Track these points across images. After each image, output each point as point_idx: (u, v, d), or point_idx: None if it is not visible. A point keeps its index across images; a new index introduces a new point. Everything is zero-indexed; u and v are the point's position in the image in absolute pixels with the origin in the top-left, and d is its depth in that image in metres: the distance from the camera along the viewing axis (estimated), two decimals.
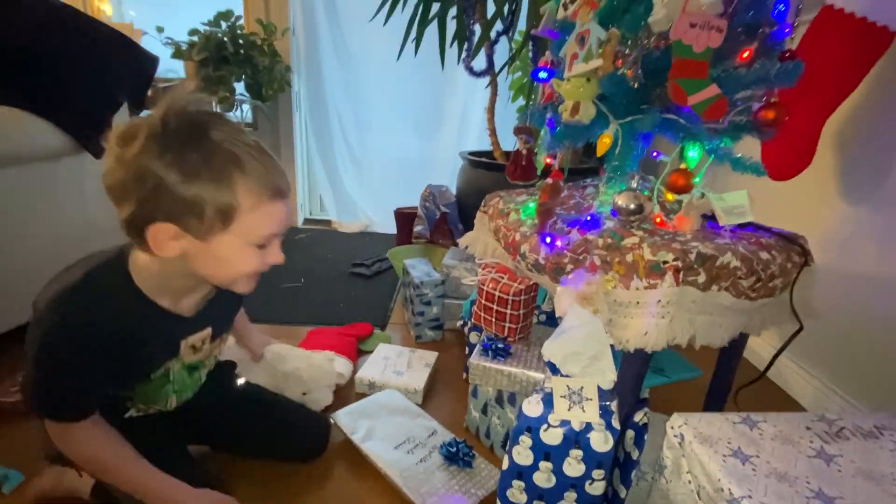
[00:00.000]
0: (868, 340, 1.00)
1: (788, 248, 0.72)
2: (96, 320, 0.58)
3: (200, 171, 0.52)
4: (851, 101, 0.95)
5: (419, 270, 1.38)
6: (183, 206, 0.53)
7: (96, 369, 0.60)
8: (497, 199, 0.95)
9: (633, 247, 0.64)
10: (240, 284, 0.63)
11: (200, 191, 0.52)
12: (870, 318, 1.00)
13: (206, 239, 0.55)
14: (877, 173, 1.01)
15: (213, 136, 0.53)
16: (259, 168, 0.55)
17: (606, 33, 0.65)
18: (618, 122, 0.70)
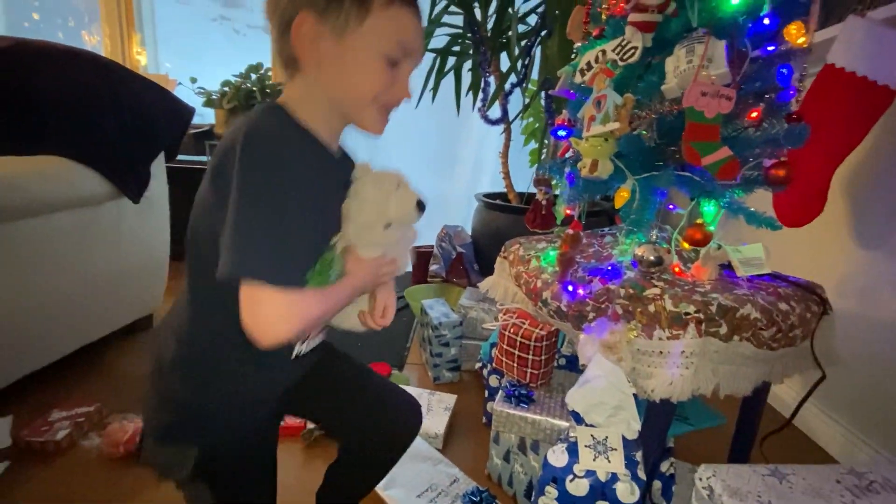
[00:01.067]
0: (893, 389, 0.99)
1: (807, 297, 0.74)
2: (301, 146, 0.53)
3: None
4: (862, 148, 0.98)
5: (437, 311, 1.41)
6: None
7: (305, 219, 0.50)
8: (517, 246, 0.98)
9: (654, 298, 0.66)
10: (368, 115, 0.57)
11: None
12: (893, 365, 1.00)
13: (342, 36, 0.51)
14: (891, 219, 1.03)
15: None
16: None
17: (622, 98, 0.70)
18: (634, 177, 0.74)
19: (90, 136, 1.26)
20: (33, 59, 1.29)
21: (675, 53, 0.65)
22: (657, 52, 0.70)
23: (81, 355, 1.30)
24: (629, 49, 0.69)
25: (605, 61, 0.73)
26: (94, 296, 1.27)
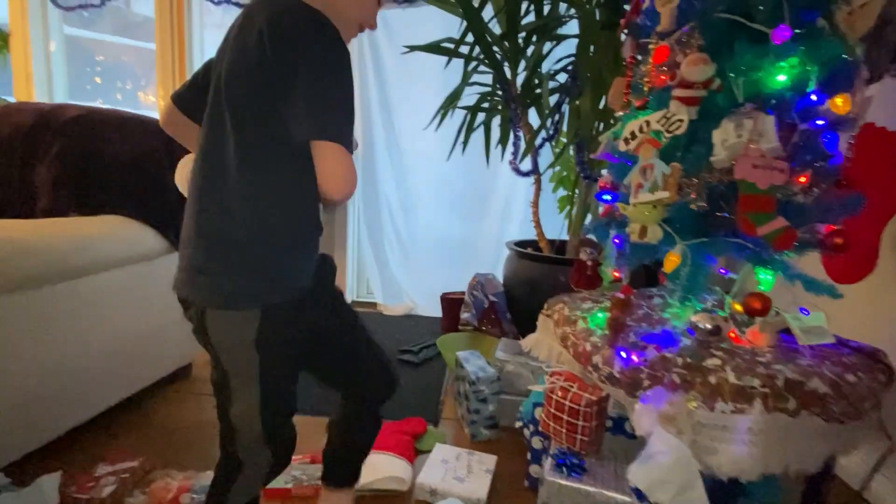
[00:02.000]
0: None
1: (872, 366, 0.71)
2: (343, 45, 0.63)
3: None
4: None
5: (473, 365, 1.40)
6: None
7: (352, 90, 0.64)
8: (562, 305, 0.98)
9: (715, 368, 0.65)
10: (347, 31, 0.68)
11: None
12: None
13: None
14: None
15: None
16: None
17: (669, 168, 0.71)
18: (684, 242, 0.74)
19: (150, 196, 1.35)
20: (102, 125, 1.41)
21: (723, 126, 0.67)
22: (702, 124, 0.72)
23: (124, 406, 1.33)
24: (675, 121, 0.71)
25: (649, 132, 0.75)
26: (141, 347, 1.32)
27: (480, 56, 1.86)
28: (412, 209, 2.75)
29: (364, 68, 2.56)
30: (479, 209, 2.72)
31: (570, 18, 1.82)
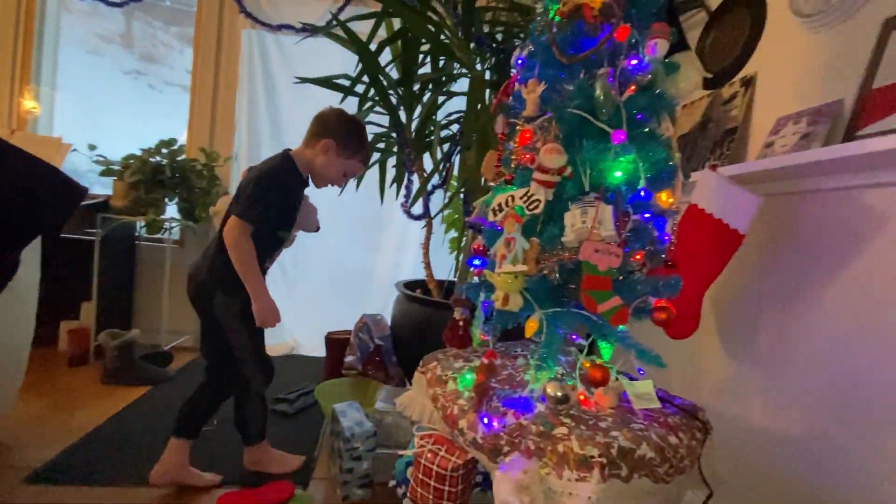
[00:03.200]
0: (774, 493, 1.10)
1: (691, 424, 0.82)
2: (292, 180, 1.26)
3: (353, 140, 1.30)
4: (725, 274, 1.16)
5: (350, 419, 1.33)
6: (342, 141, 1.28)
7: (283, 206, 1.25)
8: (435, 364, 0.98)
9: (563, 437, 0.69)
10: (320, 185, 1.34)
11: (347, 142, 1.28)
12: (767, 469, 1.11)
13: (336, 157, 1.28)
14: (749, 333, 1.21)
15: None
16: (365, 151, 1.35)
17: (529, 243, 0.77)
18: (542, 311, 0.79)
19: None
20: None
21: (572, 211, 0.74)
22: (557, 205, 0.79)
23: None
24: (534, 201, 0.77)
25: (514, 206, 0.80)
26: None
27: (375, 98, 1.87)
28: (300, 243, 2.61)
29: (255, 92, 2.43)
30: (374, 240, 2.68)
31: (462, 76, 1.94)
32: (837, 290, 0.99)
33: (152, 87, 2.72)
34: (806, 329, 1.06)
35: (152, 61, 2.70)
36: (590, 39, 0.79)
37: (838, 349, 0.97)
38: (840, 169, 0.94)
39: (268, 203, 1.18)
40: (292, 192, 1.27)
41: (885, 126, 0.85)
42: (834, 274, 1.00)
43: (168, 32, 2.66)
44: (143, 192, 2.03)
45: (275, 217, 1.22)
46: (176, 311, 2.37)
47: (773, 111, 1.22)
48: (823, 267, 1.03)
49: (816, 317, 1.03)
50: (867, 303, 0.92)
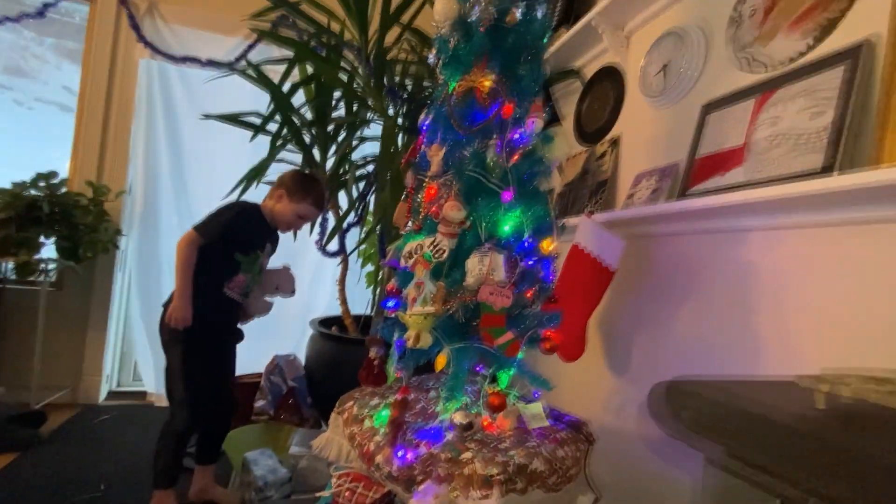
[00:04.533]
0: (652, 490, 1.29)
1: (577, 437, 0.96)
2: (250, 213, 1.47)
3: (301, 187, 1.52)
4: (604, 304, 1.36)
5: (262, 467, 1.29)
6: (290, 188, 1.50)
7: (232, 226, 1.39)
8: (351, 403, 1.02)
9: (468, 461, 0.78)
10: (281, 226, 1.54)
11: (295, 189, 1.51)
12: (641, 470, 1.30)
13: (288, 203, 1.49)
14: (626, 355, 1.42)
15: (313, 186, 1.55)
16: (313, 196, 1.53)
17: (436, 287, 0.87)
18: (449, 346, 0.89)
19: None
20: None
21: (472, 258, 0.86)
22: (460, 253, 0.90)
23: None
24: (439, 249, 0.88)
25: (423, 253, 0.90)
26: None
27: (288, 137, 1.90)
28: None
29: (154, 125, 2.30)
30: None
31: (374, 122, 2.05)
32: (684, 313, 1.23)
33: (19, 103, 2.43)
34: (663, 346, 1.28)
35: (21, 75, 2.42)
36: (481, 113, 0.94)
37: (685, 360, 1.20)
38: (678, 218, 1.19)
39: (223, 222, 1.37)
40: (252, 223, 1.46)
41: (704, 188, 1.11)
42: (681, 300, 1.24)
43: (42, 44, 2.42)
44: (14, 231, 1.80)
45: (229, 237, 1.38)
46: (50, 363, 2.08)
47: (633, 167, 1.49)
48: (674, 295, 1.27)
49: (670, 335, 1.26)
50: (704, 323, 1.16)
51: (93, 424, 1.95)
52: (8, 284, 2.08)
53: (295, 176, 1.54)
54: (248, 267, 1.45)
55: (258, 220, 1.48)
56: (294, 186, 1.50)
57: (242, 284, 1.46)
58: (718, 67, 1.22)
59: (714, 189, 1.08)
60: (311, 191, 1.51)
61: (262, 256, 1.52)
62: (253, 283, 1.50)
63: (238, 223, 1.40)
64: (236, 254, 1.42)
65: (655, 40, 1.40)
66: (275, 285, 1.59)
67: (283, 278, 1.61)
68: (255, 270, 1.48)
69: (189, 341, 1.33)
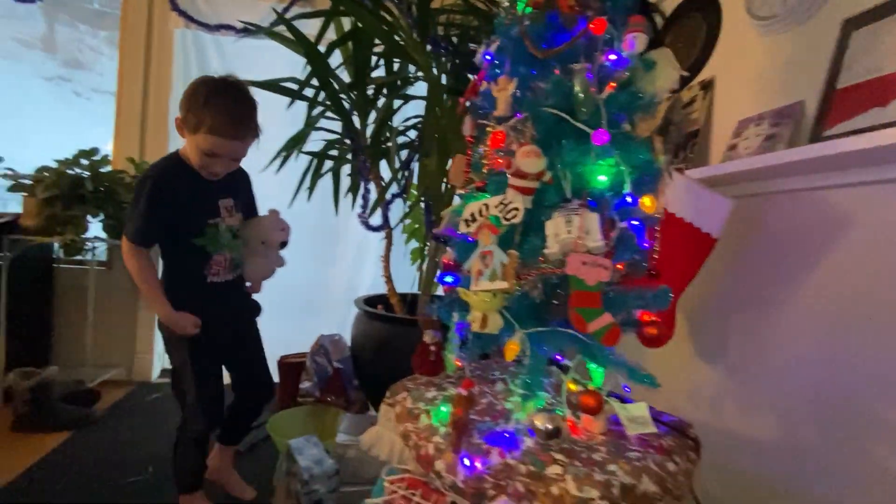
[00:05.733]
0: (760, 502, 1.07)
1: (684, 444, 0.76)
2: (166, 179, 1.06)
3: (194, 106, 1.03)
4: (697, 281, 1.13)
5: (308, 457, 1.19)
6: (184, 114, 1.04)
7: (166, 212, 1.06)
8: (404, 394, 0.88)
9: (557, 478, 0.61)
10: (203, 174, 1.09)
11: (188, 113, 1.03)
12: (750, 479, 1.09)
13: (187, 134, 1.06)
14: (721, 338, 1.19)
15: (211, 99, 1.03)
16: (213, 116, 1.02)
17: (507, 256, 0.68)
18: (523, 331, 0.71)
19: None
20: None
21: (555, 220, 0.67)
22: (537, 214, 0.71)
23: None
24: (511, 209, 0.69)
25: (488, 216, 0.72)
26: None
27: (326, 102, 1.75)
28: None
29: None
30: (329, 253, 2.51)
31: (417, 80, 1.85)
32: (808, 290, 0.98)
33: (78, 94, 2.45)
34: (777, 331, 1.04)
35: (78, 67, 2.43)
36: (563, 33, 0.73)
37: (812, 350, 0.96)
38: (809, 169, 0.93)
39: (145, 213, 1.04)
40: (172, 191, 1.06)
41: (852, 126, 0.84)
42: (804, 275, 0.99)
43: (97, 37, 2.41)
44: (60, 209, 1.78)
45: (166, 221, 1.07)
46: (103, 341, 2.10)
47: (733, 114, 1.23)
48: (793, 268, 1.02)
49: (788, 318, 1.02)
50: (839, 302, 0.92)
51: (145, 402, 1.95)
52: (58, 265, 2.10)
53: (189, 89, 1.04)
54: (214, 244, 1.14)
55: (186, 178, 1.08)
56: (186, 110, 1.03)
57: (226, 262, 1.17)
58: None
59: (869, 128, 0.82)
60: (206, 108, 1.00)
61: (225, 219, 1.15)
62: (237, 252, 1.20)
63: (161, 199, 1.04)
64: (193, 239, 1.11)
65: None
66: (260, 240, 1.25)
67: (265, 228, 1.26)
68: (224, 241, 1.15)
69: (190, 342, 1.13)
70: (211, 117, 1.00)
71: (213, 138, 1.01)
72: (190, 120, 1.02)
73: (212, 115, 1.00)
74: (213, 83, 1.06)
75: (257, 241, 1.24)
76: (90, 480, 1.35)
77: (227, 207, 1.17)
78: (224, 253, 1.16)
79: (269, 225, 1.26)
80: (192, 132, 1.02)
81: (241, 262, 1.24)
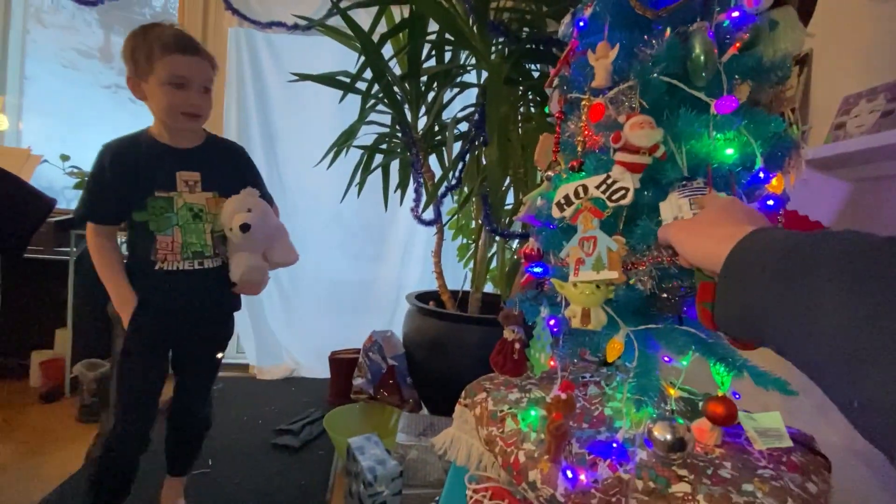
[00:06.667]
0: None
1: (815, 461, 0.66)
2: (118, 148, 1.00)
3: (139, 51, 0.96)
4: None
5: (370, 457, 1.14)
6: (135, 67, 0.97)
7: (115, 182, 0.98)
8: (484, 395, 0.81)
9: (685, 497, 0.52)
10: (176, 119, 1.00)
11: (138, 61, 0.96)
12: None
13: (145, 82, 0.97)
14: None
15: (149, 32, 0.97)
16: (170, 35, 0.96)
17: (616, 243, 0.61)
18: (629, 328, 0.63)
19: None
20: None
21: (675, 201, 0.58)
22: (645, 194, 0.63)
23: None
24: (619, 189, 0.61)
25: (589, 198, 0.64)
26: None
27: (379, 95, 1.71)
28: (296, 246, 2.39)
29: (244, 95, 2.25)
30: (376, 250, 2.49)
31: (472, 68, 1.79)
32: None
33: (133, 101, 2.54)
34: None
35: None
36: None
37: None
38: None
39: (89, 188, 0.99)
40: (121, 161, 0.98)
41: None
42: None
43: None
44: None
45: (110, 200, 0.98)
46: None
47: (835, 91, 1.09)
48: None
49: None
50: None
51: None
52: None
53: (126, 45, 0.97)
54: (157, 221, 0.98)
55: (143, 148, 1.00)
56: (131, 58, 0.96)
57: (172, 245, 1.00)
58: None
59: None
60: (149, 38, 0.95)
61: (183, 193, 1.01)
62: (197, 236, 1.02)
63: (110, 169, 0.97)
64: (135, 214, 0.98)
65: None
66: (227, 227, 1.03)
67: (226, 211, 1.03)
68: (176, 221, 1.00)
69: (127, 336, 0.98)
70: (159, 41, 0.94)
71: (171, 57, 0.94)
72: (140, 62, 0.95)
73: (159, 38, 0.94)
74: (144, 24, 0.98)
75: (226, 228, 1.04)
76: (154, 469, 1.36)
77: (189, 182, 1.02)
78: (170, 234, 1.00)
79: (230, 207, 1.03)
80: (148, 73, 0.95)
81: (211, 251, 1.05)
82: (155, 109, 0.99)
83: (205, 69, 1.00)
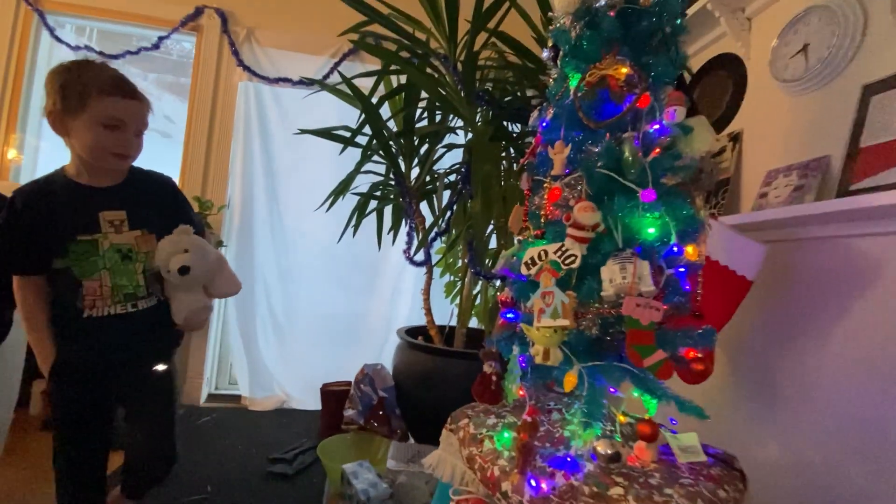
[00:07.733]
0: None
1: (731, 475, 0.82)
2: (30, 193, 0.94)
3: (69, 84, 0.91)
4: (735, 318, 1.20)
5: (363, 481, 1.26)
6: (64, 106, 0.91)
7: (29, 230, 0.92)
8: (466, 421, 0.96)
9: (619, 498, 0.68)
10: (104, 160, 0.96)
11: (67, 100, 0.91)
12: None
13: (73, 121, 0.92)
14: (764, 374, 1.24)
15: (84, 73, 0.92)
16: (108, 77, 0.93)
17: (567, 297, 0.78)
18: (581, 365, 0.80)
19: None
20: None
21: (610, 267, 0.76)
22: (592, 260, 0.81)
23: None
24: (570, 255, 0.79)
25: (548, 261, 0.82)
26: None
27: (377, 148, 1.92)
28: (292, 283, 2.53)
29: (249, 143, 2.44)
30: (368, 285, 2.64)
31: (459, 129, 2.01)
32: (842, 331, 1.04)
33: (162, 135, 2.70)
34: (813, 367, 1.09)
35: None
36: (612, 106, 0.85)
37: (846, 388, 1.01)
38: (838, 219, 1.01)
39: (2, 242, 0.93)
40: (35, 207, 0.93)
41: (879, 181, 0.93)
42: (837, 316, 1.05)
43: (146, 79, 2.67)
44: None
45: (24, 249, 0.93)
46: None
47: (761, 164, 1.32)
48: (828, 309, 1.08)
49: (824, 357, 1.07)
50: (870, 342, 0.97)
51: (196, 425, 2.06)
52: None
53: (52, 78, 0.92)
54: (81, 266, 0.94)
55: (58, 189, 0.95)
56: (59, 92, 0.90)
57: (101, 290, 0.95)
58: (883, 41, 1.04)
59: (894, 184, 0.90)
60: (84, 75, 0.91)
61: (109, 235, 0.96)
62: (128, 278, 0.97)
63: (22, 215, 0.92)
64: (56, 260, 0.94)
65: (792, 18, 1.24)
66: (164, 269, 0.99)
67: (161, 251, 0.99)
68: (104, 264, 0.95)
69: (58, 406, 0.96)
70: (96, 82, 0.89)
71: (111, 100, 0.90)
72: (70, 99, 0.89)
73: (96, 79, 0.90)
74: (75, 61, 0.94)
75: (163, 270, 0.99)
76: (154, 499, 1.45)
77: (115, 222, 0.97)
78: (97, 278, 0.95)
79: (166, 249, 0.99)
80: (78, 111, 0.89)
81: (144, 291, 1.00)
82: (79, 147, 0.93)
83: (142, 114, 0.98)
